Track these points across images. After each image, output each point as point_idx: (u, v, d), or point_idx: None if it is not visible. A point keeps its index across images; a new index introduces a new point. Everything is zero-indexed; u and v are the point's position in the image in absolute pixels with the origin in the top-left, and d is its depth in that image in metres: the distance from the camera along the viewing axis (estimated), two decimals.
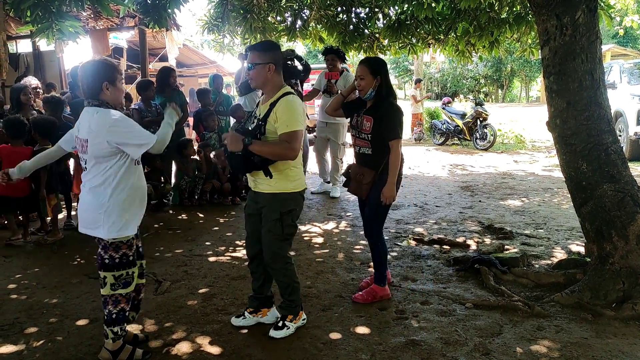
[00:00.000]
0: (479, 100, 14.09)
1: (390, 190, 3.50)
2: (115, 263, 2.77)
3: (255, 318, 3.30)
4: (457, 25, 6.31)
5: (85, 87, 2.77)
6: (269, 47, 3.01)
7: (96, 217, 2.73)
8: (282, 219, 3.01)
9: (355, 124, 3.64)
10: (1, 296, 3.79)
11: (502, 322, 3.24)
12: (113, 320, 2.78)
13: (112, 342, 2.80)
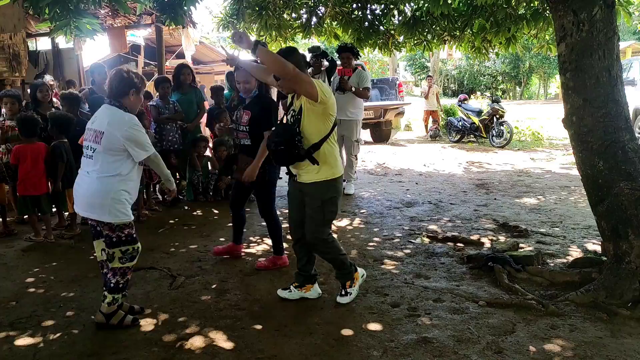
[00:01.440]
0: (496, 97, 13.94)
1: (253, 171, 3.89)
2: (122, 240, 3.12)
3: (299, 292, 3.58)
4: (474, 22, 6.25)
5: (114, 87, 3.13)
6: (287, 54, 3.22)
7: (104, 203, 3.03)
8: (324, 206, 3.28)
9: (235, 118, 4.16)
10: (19, 290, 3.87)
11: (516, 321, 3.21)
12: (117, 289, 3.15)
13: (107, 306, 3.13)
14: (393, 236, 5.09)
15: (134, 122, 3.11)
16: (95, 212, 3.09)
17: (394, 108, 13.03)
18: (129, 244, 3.15)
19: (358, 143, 7.04)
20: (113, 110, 3.12)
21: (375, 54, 17.70)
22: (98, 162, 3.06)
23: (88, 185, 3.09)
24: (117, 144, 3.03)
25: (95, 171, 3.06)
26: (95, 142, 3.05)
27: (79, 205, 3.18)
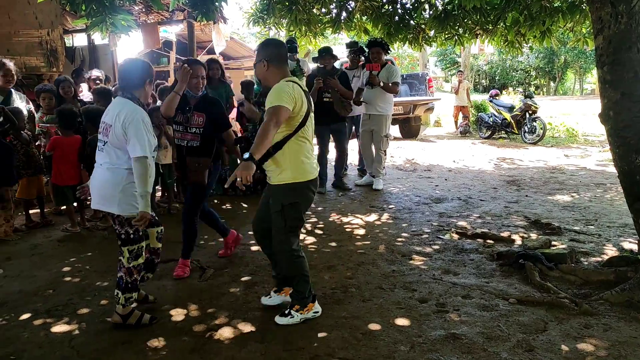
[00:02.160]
0: (529, 92, 13.65)
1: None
2: (130, 238, 3.09)
3: (280, 297, 3.43)
4: (507, 15, 6.11)
5: (128, 80, 3.11)
6: (261, 45, 3.20)
7: (113, 194, 3.00)
8: (284, 211, 3.05)
9: (182, 119, 3.91)
10: (55, 278, 3.99)
11: (547, 319, 3.16)
12: (127, 288, 3.11)
13: (122, 307, 3.10)
14: (421, 232, 5.05)
15: (139, 117, 2.99)
16: (105, 204, 3.06)
17: (423, 104, 12.91)
18: (136, 242, 3.11)
19: (387, 138, 7.01)
20: (124, 103, 3.06)
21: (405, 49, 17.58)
22: (108, 154, 3.05)
23: (100, 177, 3.08)
24: (121, 136, 2.97)
25: (107, 163, 3.05)
26: (105, 134, 3.04)
27: (93, 198, 3.15)
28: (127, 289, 3.12)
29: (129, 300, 3.13)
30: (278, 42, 3.29)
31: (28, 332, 3.13)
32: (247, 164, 2.75)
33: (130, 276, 3.12)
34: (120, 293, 3.11)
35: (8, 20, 6.00)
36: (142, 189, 2.93)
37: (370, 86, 6.69)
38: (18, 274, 4.08)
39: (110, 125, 3.01)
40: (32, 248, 4.67)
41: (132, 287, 3.14)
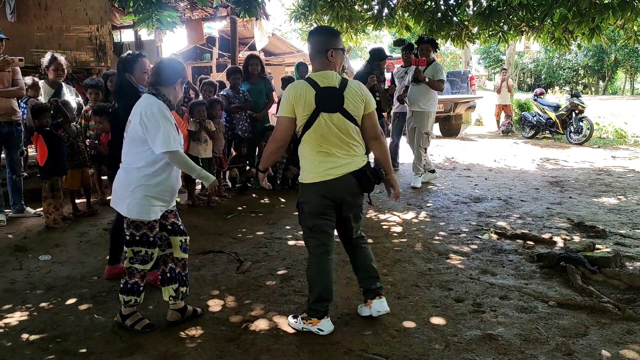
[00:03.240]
0: (576, 91, 13.22)
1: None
2: (135, 240, 2.98)
3: (364, 308, 3.19)
4: (554, 11, 5.95)
5: (159, 77, 3.03)
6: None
7: (124, 193, 2.95)
8: (297, 208, 3.07)
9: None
10: (101, 265, 4.13)
11: (588, 323, 3.07)
12: (127, 290, 3.03)
13: (124, 307, 3.07)
14: (459, 231, 4.99)
15: (156, 110, 2.88)
16: (117, 202, 3.02)
17: (465, 102, 12.71)
18: (142, 245, 2.98)
19: (428, 136, 6.93)
20: (147, 98, 2.98)
21: (447, 47, 17.32)
22: (126, 152, 3.00)
23: (118, 175, 3.05)
24: (139, 132, 2.88)
25: (125, 162, 3.01)
26: (126, 131, 3.00)
27: (112, 196, 3.12)
28: (127, 291, 3.02)
29: (127, 303, 3.03)
30: (313, 31, 3.20)
31: (74, 316, 3.27)
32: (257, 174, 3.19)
33: (131, 277, 3.01)
34: (120, 294, 3.06)
35: (60, 16, 6.24)
36: (195, 174, 3.04)
37: (415, 82, 6.65)
38: (66, 260, 4.26)
39: (130, 120, 2.98)
40: (79, 235, 4.86)
41: (133, 289, 3.02)
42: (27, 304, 3.44)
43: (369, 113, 3.01)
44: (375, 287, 3.13)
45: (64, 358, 2.77)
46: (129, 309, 3.07)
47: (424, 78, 6.60)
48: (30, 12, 6.09)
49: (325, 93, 2.88)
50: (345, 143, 2.94)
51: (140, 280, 3.04)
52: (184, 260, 3.19)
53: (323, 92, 2.88)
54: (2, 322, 3.18)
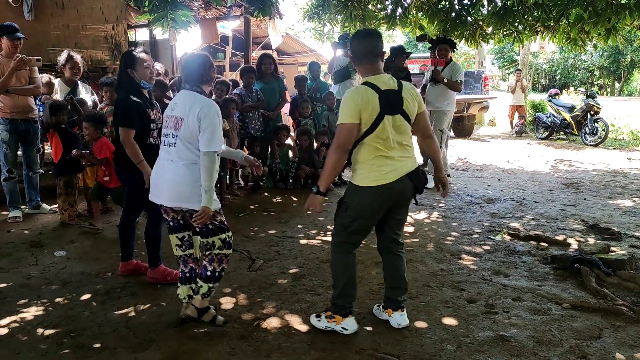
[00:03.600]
0: (591, 92, 13.07)
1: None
2: (218, 228, 3.01)
3: (383, 313, 3.19)
4: (570, 11, 5.91)
5: (196, 74, 3.02)
6: (350, 39, 3.10)
7: (193, 191, 2.89)
8: (339, 205, 3.01)
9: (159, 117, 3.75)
10: (115, 262, 4.17)
11: (603, 326, 3.05)
12: (214, 277, 3.03)
13: (200, 299, 3.03)
14: (472, 231, 4.97)
15: (214, 110, 2.93)
16: (186, 201, 2.95)
17: (478, 102, 12.63)
18: (224, 231, 3.03)
19: (442, 132, 6.88)
20: (194, 95, 2.99)
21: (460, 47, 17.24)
22: (182, 149, 2.93)
23: (174, 173, 2.96)
24: (194, 130, 2.88)
25: (182, 159, 2.94)
26: (176, 129, 2.94)
27: (164, 196, 3.03)
28: (214, 278, 3.03)
29: (210, 289, 3.05)
30: (364, 33, 3.11)
31: (88, 311, 3.30)
32: (313, 197, 2.91)
33: (220, 263, 3.04)
34: (203, 282, 3.02)
35: (77, 15, 6.31)
36: (207, 183, 2.85)
37: (434, 82, 6.63)
38: (80, 256, 4.31)
39: (182, 118, 2.91)
40: (94, 232, 4.90)
41: (219, 276, 3.06)
42: (43, 298, 3.49)
43: (422, 112, 3.02)
44: (401, 299, 3.12)
45: (79, 353, 2.80)
46: (204, 301, 3.06)
47: (443, 79, 6.57)
48: (47, 11, 6.16)
49: (387, 96, 2.85)
50: (401, 145, 2.93)
51: (226, 264, 3.10)
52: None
53: (385, 95, 2.84)
54: (18, 316, 3.22)
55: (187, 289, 3.17)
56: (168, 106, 3.12)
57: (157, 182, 3.07)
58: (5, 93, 4.92)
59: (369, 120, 2.81)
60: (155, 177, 3.10)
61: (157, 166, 3.11)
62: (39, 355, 2.78)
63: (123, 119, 3.54)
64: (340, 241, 3.04)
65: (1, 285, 3.70)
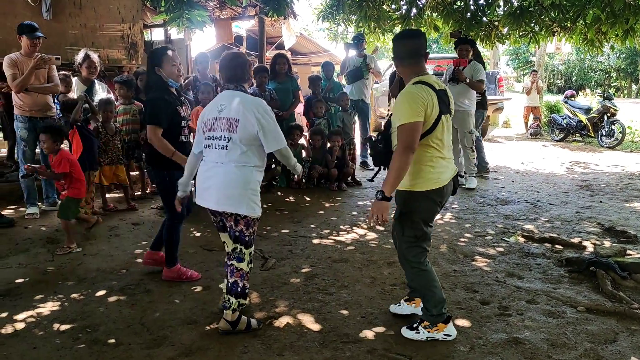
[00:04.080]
0: (608, 94, 12.90)
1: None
2: (252, 240, 2.98)
3: (409, 307, 3.21)
4: (587, 12, 5.85)
5: (238, 73, 2.98)
6: (393, 39, 3.07)
7: (243, 194, 2.85)
8: (401, 219, 2.91)
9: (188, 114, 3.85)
10: (129, 259, 4.23)
11: (618, 330, 3.01)
12: (243, 293, 2.97)
13: (231, 313, 2.95)
14: (485, 233, 4.94)
15: (269, 109, 2.93)
16: (233, 204, 2.86)
17: (492, 103, 12.52)
18: (253, 244, 3.02)
19: (472, 134, 6.84)
20: (244, 96, 2.93)
21: None
22: (234, 151, 2.85)
23: (224, 176, 2.87)
24: (253, 131, 2.83)
25: (233, 161, 2.86)
26: (230, 130, 2.84)
27: (212, 199, 2.92)
28: (243, 294, 2.97)
29: (242, 306, 3.00)
30: (409, 34, 3.11)
31: (103, 307, 3.34)
32: (379, 203, 2.73)
33: (247, 280, 3.00)
34: (234, 298, 2.95)
35: (94, 14, 6.38)
36: (291, 164, 3.13)
37: (454, 82, 6.58)
38: (96, 253, 4.36)
39: (237, 119, 2.83)
40: (109, 229, 4.96)
41: (247, 291, 3.02)
42: (59, 294, 3.54)
43: None
44: None
45: (94, 348, 2.84)
46: (235, 314, 2.98)
47: (465, 78, 6.53)
48: (65, 11, 6.24)
49: (441, 95, 2.81)
50: (449, 145, 2.93)
51: (247, 283, 3.02)
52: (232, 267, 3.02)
53: (439, 94, 2.80)
54: (35, 311, 3.27)
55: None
56: (208, 108, 3.04)
57: (204, 185, 2.97)
58: (25, 91, 4.99)
59: (431, 119, 2.75)
60: (202, 180, 2.99)
61: (203, 169, 3.01)
62: (55, 349, 2.82)
63: (150, 117, 3.56)
64: (417, 253, 2.91)
65: (18, 281, 3.76)
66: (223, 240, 3.12)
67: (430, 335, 2.91)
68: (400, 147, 2.69)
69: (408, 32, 3.16)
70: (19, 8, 6.03)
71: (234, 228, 2.93)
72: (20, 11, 6.01)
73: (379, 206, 2.74)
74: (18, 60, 4.97)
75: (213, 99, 3.14)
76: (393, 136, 2.86)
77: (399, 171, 2.68)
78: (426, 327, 2.92)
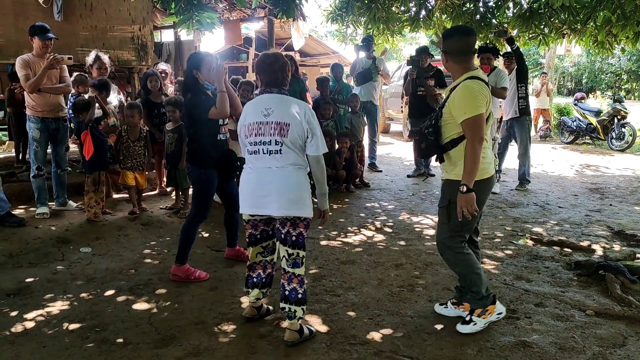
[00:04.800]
0: (619, 96, 12.81)
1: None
2: (304, 241, 2.91)
3: (455, 310, 3.23)
4: (598, 14, 5.82)
5: (279, 76, 2.89)
6: (444, 35, 3.11)
7: (303, 196, 2.83)
8: (450, 208, 2.94)
9: None
10: (138, 259, 4.25)
11: (627, 334, 2.99)
12: (304, 299, 2.90)
13: (297, 322, 2.87)
14: (494, 235, 4.92)
15: (313, 112, 2.89)
16: (299, 207, 2.80)
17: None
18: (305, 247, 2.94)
19: (495, 141, 6.79)
20: (290, 99, 2.90)
21: None
22: (289, 154, 2.80)
23: (284, 180, 2.80)
24: (303, 135, 2.79)
25: (290, 164, 2.80)
26: (281, 135, 2.77)
27: (271, 205, 2.81)
28: (304, 300, 2.90)
29: (304, 311, 2.93)
30: (462, 31, 3.12)
31: (112, 307, 3.37)
32: (466, 197, 2.80)
33: (301, 285, 2.90)
34: (295, 305, 2.86)
35: (105, 16, 6.44)
36: (324, 187, 2.95)
37: None
38: (105, 253, 4.39)
39: (287, 123, 2.76)
40: (118, 230, 4.99)
41: (305, 298, 2.92)
42: (68, 293, 3.57)
43: None
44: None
45: (102, 347, 2.86)
46: (295, 322, 2.89)
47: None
48: (76, 12, 6.30)
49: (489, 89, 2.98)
50: (490, 138, 3.08)
51: (305, 287, 2.95)
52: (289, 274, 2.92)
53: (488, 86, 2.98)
54: (45, 310, 3.30)
55: (259, 292, 3.13)
56: (249, 111, 2.93)
57: (260, 193, 2.84)
58: (37, 92, 5.04)
59: (487, 113, 2.90)
60: (256, 187, 2.87)
61: (253, 177, 2.89)
62: (64, 348, 2.84)
63: (204, 108, 3.66)
64: (459, 242, 3.02)
65: (29, 280, 3.80)
66: (256, 252, 3.06)
67: (486, 320, 3.03)
68: (474, 139, 2.81)
69: (462, 28, 3.25)
70: (31, 9, 6.09)
71: (292, 232, 2.84)
72: (32, 12, 6.07)
73: (466, 199, 2.81)
74: (30, 61, 5.03)
75: (252, 102, 3.01)
76: (443, 129, 2.98)
77: (476, 162, 2.81)
78: (480, 315, 3.02)
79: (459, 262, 3.04)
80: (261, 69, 2.93)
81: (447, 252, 3.06)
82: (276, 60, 2.92)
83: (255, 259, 3.10)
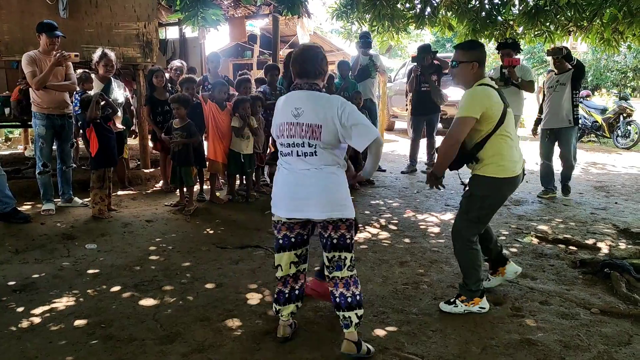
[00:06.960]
0: (624, 94, 12.74)
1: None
2: (353, 243, 2.77)
3: (497, 278, 3.56)
4: (604, 11, 5.78)
5: (308, 68, 2.69)
6: (474, 46, 3.25)
7: (345, 196, 2.69)
8: (472, 199, 3.17)
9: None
10: (143, 256, 4.27)
11: (632, 332, 2.98)
12: (361, 302, 2.74)
13: (354, 331, 2.69)
14: (498, 233, 4.91)
15: (346, 102, 2.68)
16: (341, 209, 2.66)
17: None
18: (353, 249, 2.79)
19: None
20: (319, 97, 2.68)
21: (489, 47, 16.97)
22: (325, 155, 2.65)
23: (323, 181, 2.64)
24: (337, 134, 2.62)
25: (327, 165, 2.65)
26: (314, 137, 2.60)
27: (312, 209, 2.65)
28: (361, 303, 2.74)
29: (361, 317, 2.73)
30: (481, 44, 3.36)
31: (117, 303, 3.38)
32: (429, 176, 3.26)
33: (357, 286, 2.76)
34: (347, 311, 2.69)
35: (110, 13, 6.43)
36: (373, 171, 2.93)
37: (504, 84, 6.28)
38: (110, 249, 4.41)
39: (319, 125, 2.60)
40: (123, 226, 5.01)
41: (362, 301, 2.76)
42: (74, 290, 3.59)
43: None
44: (505, 253, 3.58)
45: (108, 343, 2.87)
46: (355, 332, 2.71)
47: (517, 78, 6.37)
48: (81, 9, 6.30)
49: (500, 93, 3.13)
50: (518, 139, 3.23)
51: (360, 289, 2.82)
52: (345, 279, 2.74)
53: (498, 92, 3.13)
54: (50, 306, 3.32)
55: (294, 307, 2.94)
56: (280, 110, 2.77)
57: (298, 196, 2.66)
58: (43, 89, 5.06)
59: (497, 112, 3.04)
60: (294, 190, 2.69)
61: (290, 179, 2.71)
62: (70, 344, 2.86)
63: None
64: (473, 233, 3.22)
65: (35, 276, 3.82)
66: (290, 262, 2.86)
67: (467, 308, 3.20)
68: (451, 135, 3.05)
69: (478, 42, 3.56)
70: (36, 6, 6.10)
71: (333, 235, 2.69)
72: (38, 10, 6.08)
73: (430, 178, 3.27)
74: (37, 58, 5.05)
75: (283, 99, 2.82)
76: (467, 138, 3.10)
77: (444, 157, 3.11)
78: (463, 302, 3.22)
79: (464, 253, 3.24)
80: (292, 60, 2.76)
81: (459, 240, 3.24)
82: (306, 51, 2.76)
83: (289, 271, 2.87)
